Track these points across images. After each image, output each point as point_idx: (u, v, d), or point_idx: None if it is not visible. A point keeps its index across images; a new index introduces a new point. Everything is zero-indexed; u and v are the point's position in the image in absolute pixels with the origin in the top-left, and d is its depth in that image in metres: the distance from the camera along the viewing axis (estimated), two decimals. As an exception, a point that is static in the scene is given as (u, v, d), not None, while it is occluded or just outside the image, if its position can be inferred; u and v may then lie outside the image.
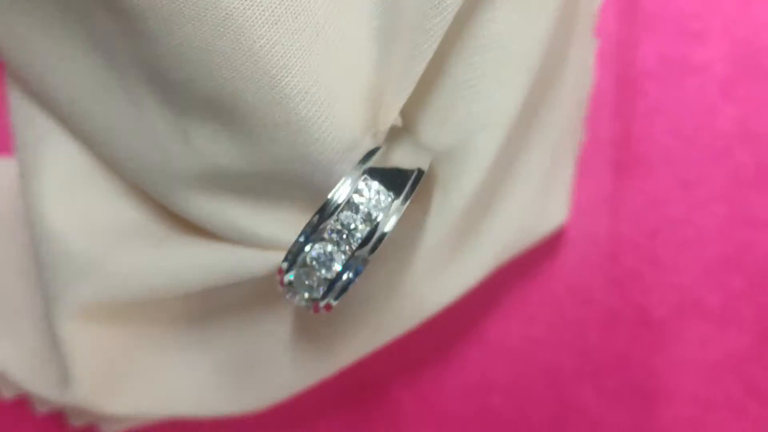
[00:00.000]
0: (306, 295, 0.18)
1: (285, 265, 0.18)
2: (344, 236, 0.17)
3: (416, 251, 0.21)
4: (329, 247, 0.17)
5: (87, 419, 0.24)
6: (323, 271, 0.17)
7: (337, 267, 0.17)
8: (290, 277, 0.18)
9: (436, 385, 0.27)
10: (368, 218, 0.17)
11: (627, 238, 0.26)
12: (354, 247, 0.17)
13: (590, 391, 0.26)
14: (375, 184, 0.17)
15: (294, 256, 0.17)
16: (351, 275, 0.17)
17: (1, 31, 0.20)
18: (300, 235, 0.17)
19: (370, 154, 0.18)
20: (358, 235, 0.17)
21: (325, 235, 0.17)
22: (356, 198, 0.17)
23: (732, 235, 0.26)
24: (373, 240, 0.17)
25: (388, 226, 0.17)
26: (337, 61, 0.17)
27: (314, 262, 0.17)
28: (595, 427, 0.26)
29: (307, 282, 0.18)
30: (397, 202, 0.17)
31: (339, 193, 0.17)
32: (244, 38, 0.16)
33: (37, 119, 0.21)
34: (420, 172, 0.18)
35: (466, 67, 0.19)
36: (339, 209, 0.17)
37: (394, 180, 0.17)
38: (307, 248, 0.17)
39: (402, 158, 0.18)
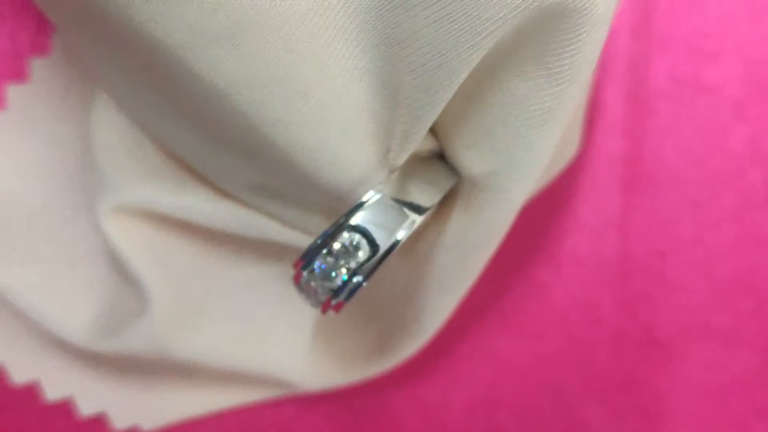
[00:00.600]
0: (312, 299, 0.19)
1: (301, 265, 0.18)
2: (348, 252, 0.18)
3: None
4: (356, 237, 0.18)
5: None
6: (326, 283, 0.18)
7: (361, 256, 0.18)
8: (303, 276, 0.18)
9: (442, 402, 0.27)
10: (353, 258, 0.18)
11: (636, 257, 0.26)
12: (353, 266, 0.18)
13: (596, 410, 0.26)
14: (375, 220, 0.18)
15: (307, 261, 0.18)
16: (360, 279, 0.18)
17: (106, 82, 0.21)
18: (312, 244, 0.18)
19: (380, 187, 0.19)
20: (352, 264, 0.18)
21: (334, 247, 0.18)
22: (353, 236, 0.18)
23: (742, 255, 0.26)
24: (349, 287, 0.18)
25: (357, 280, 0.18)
26: (331, 114, 0.18)
27: (341, 251, 0.18)
28: (601, 447, 0.26)
29: (313, 287, 0.18)
30: (375, 257, 0.18)
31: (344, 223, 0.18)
32: (227, 101, 0.17)
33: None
34: (425, 207, 0.19)
35: (502, 92, 0.19)
36: (341, 232, 0.18)
37: (395, 214, 0.18)
38: (316, 261, 0.18)
39: (417, 189, 0.19)
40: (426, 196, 0.19)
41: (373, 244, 0.18)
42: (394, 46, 0.17)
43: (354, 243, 0.18)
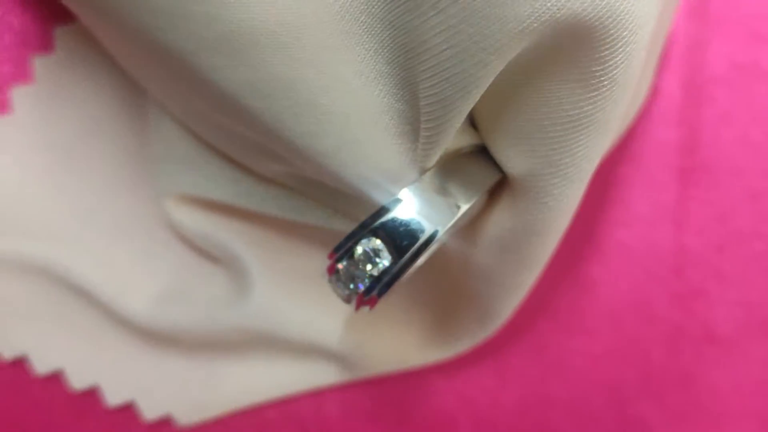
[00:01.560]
0: (351, 287, 0.18)
1: (338, 252, 0.18)
2: (370, 257, 0.18)
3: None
4: (378, 243, 0.17)
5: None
6: (369, 267, 0.17)
7: (384, 263, 0.17)
8: (341, 264, 0.18)
9: (493, 402, 0.26)
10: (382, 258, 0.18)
11: (691, 251, 0.25)
12: (378, 270, 0.18)
13: (653, 409, 0.25)
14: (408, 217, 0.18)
15: (344, 247, 0.18)
16: (396, 271, 0.17)
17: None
18: (352, 231, 0.18)
19: (413, 184, 0.18)
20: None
21: (357, 251, 0.18)
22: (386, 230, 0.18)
23: (801, 248, 0.25)
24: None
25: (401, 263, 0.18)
26: (352, 122, 0.17)
27: (362, 257, 0.17)
28: (656, 448, 0.25)
29: (354, 275, 0.18)
30: (438, 230, 0.18)
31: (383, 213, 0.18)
32: (244, 111, 0.17)
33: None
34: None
35: (537, 94, 0.18)
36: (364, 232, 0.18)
37: (430, 211, 0.18)
38: (359, 244, 0.18)
39: (453, 186, 0.18)
40: (465, 193, 0.18)
41: (398, 248, 0.17)
42: (407, 52, 0.17)
43: (376, 247, 0.18)
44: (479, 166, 0.19)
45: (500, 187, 0.20)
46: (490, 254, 0.20)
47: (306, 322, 0.24)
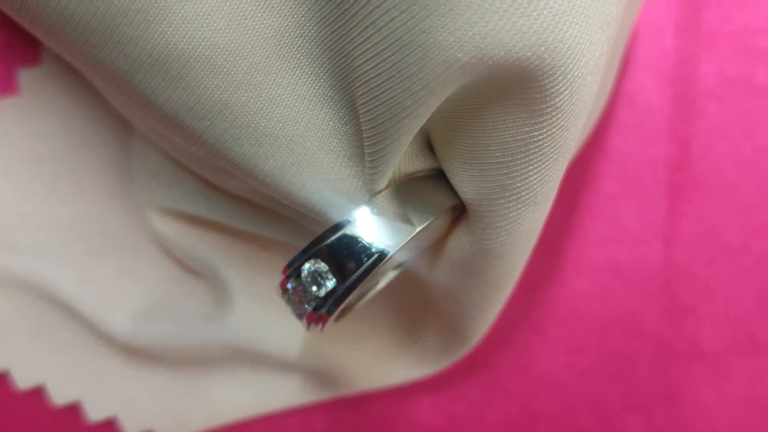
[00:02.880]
0: (301, 306, 0.18)
1: (288, 272, 0.18)
2: (316, 279, 0.18)
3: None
4: (322, 266, 0.17)
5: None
6: (314, 288, 0.17)
7: (329, 285, 0.17)
8: (288, 286, 0.18)
9: (478, 419, 0.26)
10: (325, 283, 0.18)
11: (681, 266, 0.25)
12: (322, 292, 0.18)
13: (639, 425, 0.25)
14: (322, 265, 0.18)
15: (294, 265, 0.18)
16: (341, 293, 0.17)
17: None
18: (302, 250, 0.18)
19: (361, 207, 0.18)
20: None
21: (303, 271, 0.18)
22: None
23: (791, 263, 0.25)
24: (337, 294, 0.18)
25: (342, 287, 0.17)
26: (295, 146, 0.17)
27: (308, 278, 0.18)
28: (642, 463, 0.25)
29: (301, 295, 0.18)
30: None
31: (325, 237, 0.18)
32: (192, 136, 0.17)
33: None
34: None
35: (482, 119, 0.18)
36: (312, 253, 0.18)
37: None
38: (306, 264, 0.18)
39: (408, 212, 0.18)
40: (420, 215, 0.18)
41: (341, 270, 0.17)
42: (345, 76, 0.16)
43: (320, 270, 0.17)
44: (437, 189, 0.19)
45: (463, 211, 0.20)
46: (455, 277, 0.20)
47: (286, 339, 0.24)
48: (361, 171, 0.18)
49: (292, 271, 0.17)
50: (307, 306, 0.18)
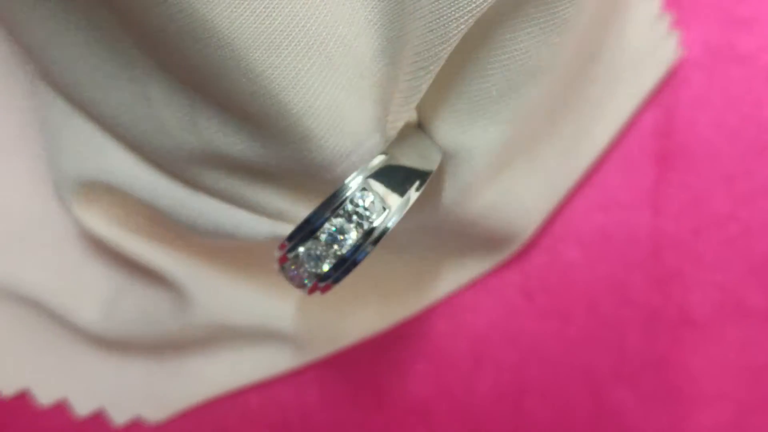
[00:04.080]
0: (312, 269, 0.17)
1: (293, 239, 0.17)
2: (358, 217, 0.17)
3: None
4: (343, 223, 0.17)
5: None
6: (335, 247, 0.17)
7: (351, 241, 0.17)
8: (299, 250, 0.17)
9: (468, 389, 0.26)
10: (365, 220, 0.17)
11: (668, 234, 0.25)
12: (366, 228, 0.17)
13: (628, 393, 0.25)
14: (379, 186, 0.17)
15: (305, 229, 0.17)
16: (358, 257, 0.17)
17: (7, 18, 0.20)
18: (314, 211, 0.17)
19: (377, 155, 0.18)
20: (365, 225, 0.17)
21: (340, 212, 0.17)
22: (358, 200, 0.17)
23: (778, 231, 0.25)
24: (374, 236, 0.17)
25: (390, 223, 0.17)
26: (340, 72, 0.17)
27: (327, 237, 0.17)
28: (632, 431, 0.25)
29: (316, 254, 0.17)
30: (401, 201, 0.17)
31: (347, 188, 0.17)
32: (242, 62, 0.16)
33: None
34: (424, 174, 0.18)
35: (482, 77, 0.19)
36: (343, 203, 0.17)
37: (399, 180, 0.18)
38: (323, 224, 0.17)
39: (411, 158, 0.18)
40: (422, 164, 0.18)
41: (363, 226, 0.17)
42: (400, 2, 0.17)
43: (342, 227, 0.17)
44: (427, 141, 0.20)
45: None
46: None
47: (258, 313, 0.24)
48: (378, 114, 0.18)
49: (307, 233, 0.17)
50: (326, 265, 0.17)
